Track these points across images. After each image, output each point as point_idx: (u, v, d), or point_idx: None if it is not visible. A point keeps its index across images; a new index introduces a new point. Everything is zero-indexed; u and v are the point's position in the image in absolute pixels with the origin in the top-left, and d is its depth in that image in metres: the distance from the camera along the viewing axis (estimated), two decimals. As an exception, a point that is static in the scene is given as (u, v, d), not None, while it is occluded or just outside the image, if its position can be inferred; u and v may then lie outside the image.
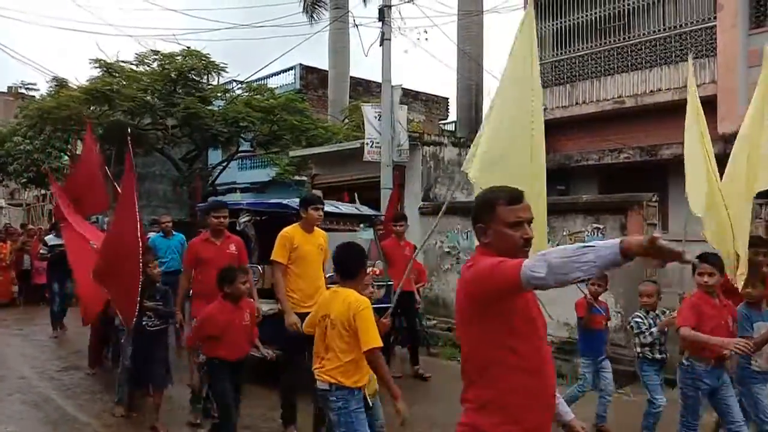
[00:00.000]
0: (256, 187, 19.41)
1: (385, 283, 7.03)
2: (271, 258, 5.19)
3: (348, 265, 3.57)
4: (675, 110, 10.81)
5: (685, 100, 10.85)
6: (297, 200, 6.68)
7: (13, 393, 6.44)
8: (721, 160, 4.83)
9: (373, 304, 3.66)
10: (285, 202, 6.93)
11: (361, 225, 7.96)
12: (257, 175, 20.36)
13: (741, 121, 9.59)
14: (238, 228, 6.72)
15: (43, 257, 10.15)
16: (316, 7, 19.48)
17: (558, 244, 8.39)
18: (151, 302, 5.40)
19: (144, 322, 5.34)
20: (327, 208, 6.71)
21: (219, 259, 5.36)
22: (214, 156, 21.03)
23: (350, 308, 3.36)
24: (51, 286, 9.90)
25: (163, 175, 22.36)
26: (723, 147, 9.85)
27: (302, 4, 19.48)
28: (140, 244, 5.21)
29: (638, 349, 4.93)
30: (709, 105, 10.16)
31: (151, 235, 8.92)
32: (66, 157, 23.03)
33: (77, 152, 22.98)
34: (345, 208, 7.78)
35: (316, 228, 5.35)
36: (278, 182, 18.18)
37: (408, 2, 14.57)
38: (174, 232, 9.03)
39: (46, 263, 12.09)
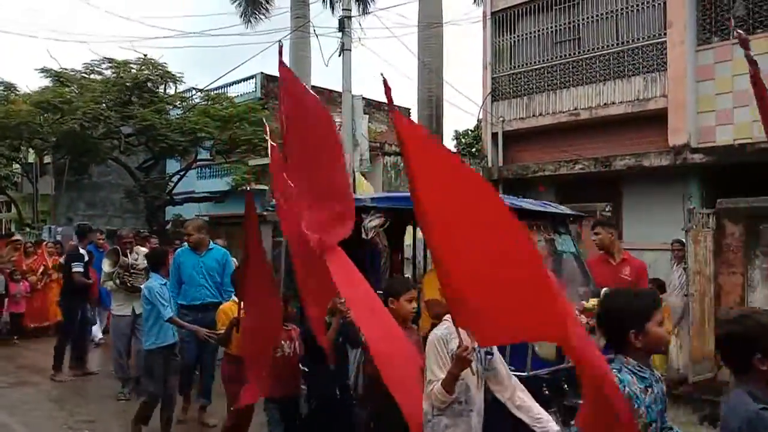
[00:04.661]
0: (215, 196, 19.11)
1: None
2: None
3: None
4: (628, 122, 11.17)
5: (638, 112, 11.18)
6: None
7: (-45, 411, 6.17)
8: (673, 172, 4.96)
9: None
10: None
11: (557, 232, 5.04)
12: (216, 184, 20.03)
13: (690, 133, 10.03)
14: (365, 236, 4.72)
15: (80, 278, 7.65)
16: (255, 13, 18.89)
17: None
18: None
19: None
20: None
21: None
22: (172, 164, 20.64)
23: None
24: (71, 317, 7.70)
25: (119, 184, 21.84)
26: (673, 159, 10.21)
27: (240, 9, 18.73)
28: None
29: None
30: (660, 118, 10.53)
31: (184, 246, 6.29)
32: (17, 166, 22.20)
33: (29, 161, 22.19)
34: (528, 204, 4.95)
35: None
36: (239, 191, 17.94)
37: (367, 15, 14.71)
38: (212, 244, 6.25)
39: (24, 287, 10.08)
